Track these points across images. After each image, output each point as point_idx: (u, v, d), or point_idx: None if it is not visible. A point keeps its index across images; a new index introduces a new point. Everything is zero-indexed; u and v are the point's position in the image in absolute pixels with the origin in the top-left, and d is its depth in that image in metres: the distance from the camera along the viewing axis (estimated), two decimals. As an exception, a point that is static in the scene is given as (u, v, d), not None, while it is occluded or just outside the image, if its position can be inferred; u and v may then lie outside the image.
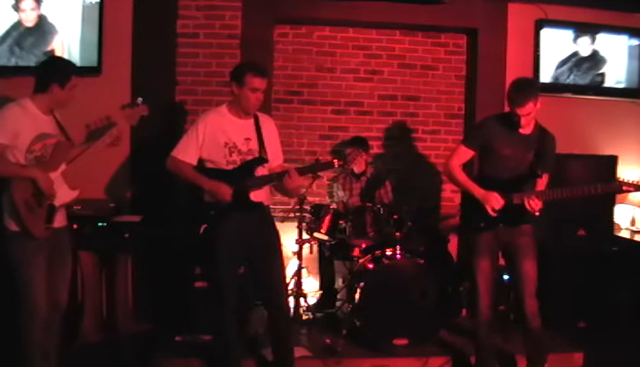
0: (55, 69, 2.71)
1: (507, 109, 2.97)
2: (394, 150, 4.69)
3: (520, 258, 2.94)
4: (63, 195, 2.72)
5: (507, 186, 2.89)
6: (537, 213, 2.85)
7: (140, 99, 2.82)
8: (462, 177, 3.03)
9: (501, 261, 3.15)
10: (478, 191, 2.94)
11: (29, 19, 3.93)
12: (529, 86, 2.85)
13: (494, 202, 2.86)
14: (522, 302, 2.94)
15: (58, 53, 3.87)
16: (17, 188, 2.58)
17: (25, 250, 2.61)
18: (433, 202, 4.60)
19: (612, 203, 4.34)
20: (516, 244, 2.95)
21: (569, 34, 4.51)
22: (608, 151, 4.46)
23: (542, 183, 2.95)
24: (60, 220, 2.77)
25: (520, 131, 2.91)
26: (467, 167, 3.12)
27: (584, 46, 4.53)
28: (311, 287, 4.32)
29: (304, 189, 3.88)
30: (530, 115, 2.83)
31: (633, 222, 4.53)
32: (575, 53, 4.52)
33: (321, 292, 4.22)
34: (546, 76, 4.46)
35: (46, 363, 2.72)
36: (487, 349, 3.11)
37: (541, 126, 2.98)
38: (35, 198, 2.60)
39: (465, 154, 3.05)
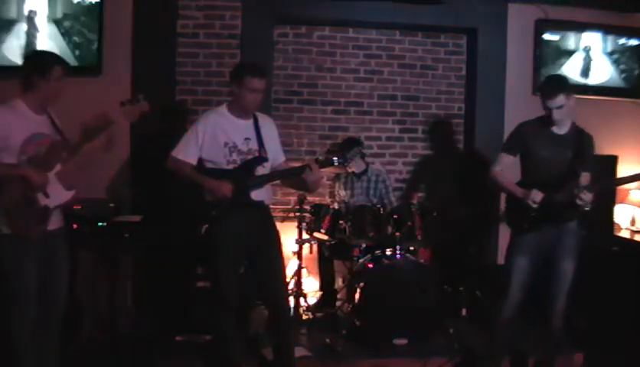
0: (35, 63, 2.64)
1: (507, 111, 2.97)
2: (394, 150, 4.69)
3: (561, 257, 2.92)
4: (58, 196, 2.64)
5: (549, 187, 2.88)
6: (588, 207, 2.83)
7: (141, 96, 2.74)
8: (503, 180, 3.05)
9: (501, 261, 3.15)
10: (518, 191, 2.95)
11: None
12: (559, 80, 2.95)
13: (534, 195, 2.86)
14: (553, 300, 2.93)
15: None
16: (7, 189, 2.51)
17: (16, 253, 2.55)
18: (433, 202, 4.60)
19: (612, 203, 4.34)
20: (560, 244, 2.93)
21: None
22: (608, 151, 4.44)
23: (584, 181, 2.93)
24: (55, 222, 2.70)
25: (556, 130, 2.91)
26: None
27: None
28: (311, 287, 4.32)
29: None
30: (562, 110, 2.82)
31: (633, 222, 4.53)
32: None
33: (321, 292, 4.22)
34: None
35: (41, 365, 2.69)
36: (500, 349, 3.11)
37: (578, 126, 2.97)
38: (26, 199, 2.55)
39: (505, 160, 3.06)
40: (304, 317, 3.89)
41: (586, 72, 4.58)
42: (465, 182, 4.58)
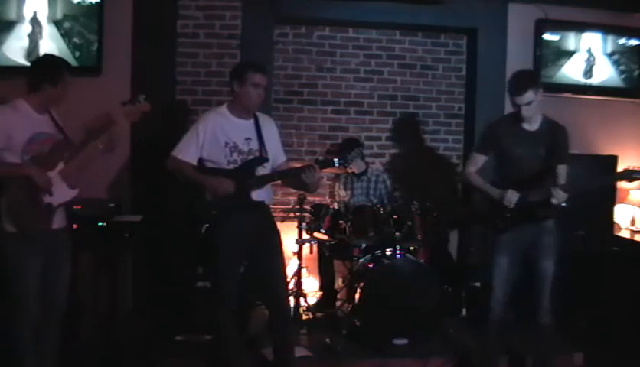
0: (45, 68, 2.69)
1: (507, 112, 2.97)
2: (394, 150, 4.69)
3: (540, 256, 2.95)
4: (61, 194, 2.68)
5: (524, 185, 2.89)
6: (564, 204, 2.83)
7: (142, 96, 2.76)
8: (478, 181, 3.07)
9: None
10: (494, 191, 2.96)
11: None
12: (527, 75, 2.89)
13: (510, 195, 2.87)
14: (536, 298, 2.96)
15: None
16: (11, 188, 2.56)
17: (19, 251, 2.58)
18: (433, 202, 4.60)
19: (612, 203, 4.34)
20: (537, 243, 2.95)
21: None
22: (608, 151, 4.46)
23: (561, 175, 2.93)
24: (58, 221, 2.74)
25: (527, 127, 2.91)
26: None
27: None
28: (311, 287, 4.32)
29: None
30: (531, 106, 2.81)
31: (633, 222, 4.53)
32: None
33: (321, 292, 4.22)
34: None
35: (40, 364, 2.70)
36: (496, 348, 3.11)
37: (548, 119, 2.97)
38: (30, 197, 2.58)
39: (478, 160, 3.08)
40: (304, 317, 3.89)
41: (586, 72, 4.58)
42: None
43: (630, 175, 2.79)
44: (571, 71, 4.55)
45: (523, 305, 3.06)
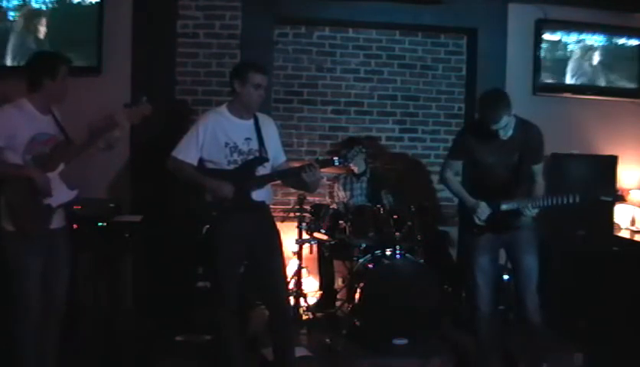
0: (41, 64, 2.68)
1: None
2: (394, 150, 4.69)
3: (521, 253, 2.95)
4: (61, 195, 2.69)
5: (497, 192, 2.90)
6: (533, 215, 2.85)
7: (144, 98, 2.75)
8: (454, 186, 3.11)
9: (501, 262, 3.16)
10: (468, 200, 2.99)
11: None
12: (499, 102, 2.76)
13: (480, 212, 2.90)
14: (523, 297, 2.96)
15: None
16: (12, 188, 2.56)
17: (19, 251, 2.59)
18: (433, 202, 4.60)
19: (612, 203, 4.34)
20: (516, 240, 2.95)
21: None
22: (608, 151, 4.46)
23: (539, 181, 2.94)
24: (58, 221, 2.74)
25: (501, 136, 2.87)
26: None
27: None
28: (311, 287, 4.32)
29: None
30: (507, 126, 2.79)
31: (633, 222, 4.52)
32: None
33: (321, 292, 4.22)
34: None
35: (40, 364, 2.71)
36: (488, 346, 3.11)
37: (521, 120, 2.91)
38: (31, 198, 2.58)
39: (453, 165, 3.12)
40: (304, 317, 3.89)
41: (585, 72, 4.58)
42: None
43: (595, 199, 2.80)
44: (571, 71, 4.55)
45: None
